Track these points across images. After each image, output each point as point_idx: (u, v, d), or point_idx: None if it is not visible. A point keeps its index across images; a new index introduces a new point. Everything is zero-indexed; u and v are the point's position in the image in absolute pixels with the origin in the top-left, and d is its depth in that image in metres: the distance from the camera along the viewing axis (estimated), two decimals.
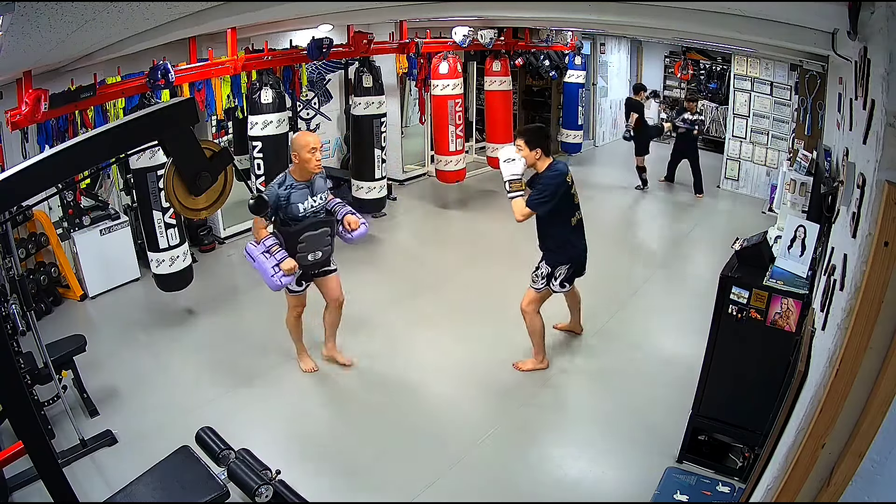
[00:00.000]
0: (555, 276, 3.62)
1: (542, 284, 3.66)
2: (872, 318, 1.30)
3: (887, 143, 1.28)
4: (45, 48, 2.62)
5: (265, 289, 5.12)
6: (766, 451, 2.10)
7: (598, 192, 7.85)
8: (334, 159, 7.40)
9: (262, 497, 2.55)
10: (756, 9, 2.57)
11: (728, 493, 2.70)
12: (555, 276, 3.62)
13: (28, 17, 1.76)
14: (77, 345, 3.47)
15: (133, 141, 1.77)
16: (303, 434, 3.38)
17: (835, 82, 3.52)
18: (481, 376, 3.87)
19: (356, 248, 6.11)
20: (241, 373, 3.87)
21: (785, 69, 7.09)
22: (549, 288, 3.66)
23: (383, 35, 6.37)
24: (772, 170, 7.37)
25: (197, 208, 2.00)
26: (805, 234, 2.70)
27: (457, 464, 3.12)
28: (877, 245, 1.28)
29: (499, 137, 7.32)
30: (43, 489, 1.78)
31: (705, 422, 3.02)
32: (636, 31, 7.51)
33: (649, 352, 4.18)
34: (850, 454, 1.40)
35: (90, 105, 3.96)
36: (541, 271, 3.66)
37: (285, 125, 4.92)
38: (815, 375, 1.68)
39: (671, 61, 10.52)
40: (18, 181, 1.49)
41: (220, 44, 4.80)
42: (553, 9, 4.34)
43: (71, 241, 4.81)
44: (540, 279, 3.66)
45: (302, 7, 3.86)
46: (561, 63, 8.45)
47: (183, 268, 4.35)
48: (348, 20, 5.40)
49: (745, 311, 2.71)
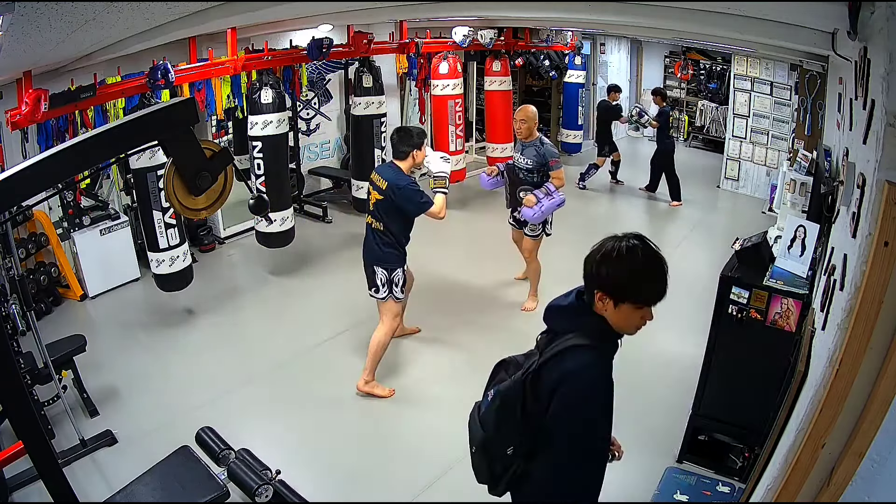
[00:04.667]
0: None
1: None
2: (872, 318, 1.31)
3: (887, 143, 1.28)
4: (45, 48, 2.62)
5: (265, 289, 5.18)
6: (766, 451, 2.10)
7: (599, 192, 7.86)
8: (334, 159, 7.40)
9: (262, 497, 2.55)
10: (756, 9, 2.57)
11: (728, 493, 2.70)
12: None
13: (28, 17, 1.76)
14: (77, 345, 3.47)
15: (133, 141, 1.77)
16: (303, 434, 3.38)
17: (835, 82, 3.52)
18: (482, 376, 3.86)
19: (356, 248, 6.10)
20: (241, 373, 3.87)
21: (785, 69, 7.09)
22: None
23: (383, 35, 6.36)
24: (772, 170, 7.36)
25: (197, 208, 2.00)
26: (805, 234, 2.70)
27: (457, 464, 3.11)
28: (877, 245, 1.28)
29: (499, 137, 7.32)
30: (43, 489, 1.78)
31: (705, 422, 3.02)
32: (636, 31, 7.51)
33: (649, 352, 4.17)
34: (850, 454, 1.40)
35: (90, 105, 3.96)
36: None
37: (285, 125, 4.92)
38: (815, 375, 1.68)
39: (671, 61, 10.52)
40: (18, 181, 1.49)
41: (220, 44, 4.80)
42: (553, 9, 4.34)
43: (71, 241, 4.81)
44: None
45: (302, 7, 3.86)
46: (561, 63, 8.45)
47: (183, 268, 4.35)
48: (348, 20, 5.40)
49: (745, 311, 2.71)
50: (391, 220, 3.42)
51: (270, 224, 4.81)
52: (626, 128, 10.02)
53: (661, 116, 7.22)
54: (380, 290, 3.53)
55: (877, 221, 1.29)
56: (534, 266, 4.54)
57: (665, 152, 7.29)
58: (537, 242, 4.41)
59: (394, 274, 3.49)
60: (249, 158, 4.89)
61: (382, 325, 3.60)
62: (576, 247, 5.07)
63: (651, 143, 8.51)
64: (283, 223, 4.99)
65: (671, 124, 7.51)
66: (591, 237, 4.09)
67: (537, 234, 4.37)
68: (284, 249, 5.25)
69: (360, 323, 4.45)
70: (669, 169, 7.29)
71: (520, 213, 4.23)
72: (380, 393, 3.64)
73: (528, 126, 4.15)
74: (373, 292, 3.58)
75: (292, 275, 5.31)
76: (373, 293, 3.59)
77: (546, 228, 4.36)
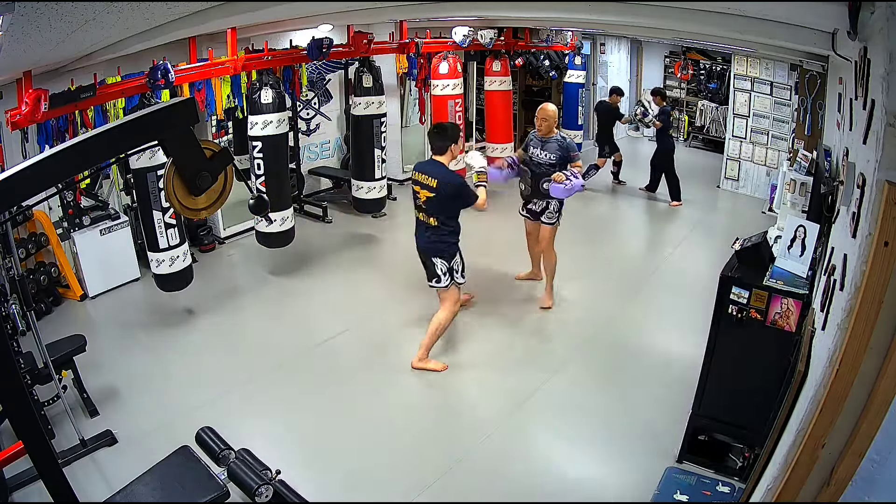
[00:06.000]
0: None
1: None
2: (872, 318, 1.31)
3: (887, 143, 1.28)
4: (45, 48, 2.62)
5: (265, 289, 5.18)
6: (766, 451, 2.10)
7: (599, 193, 7.85)
8: (334, 159, 7.40)
9: (262, 497, 2.55)
10: (756, 9, 2.57)
11: (728, 493, 2.70)
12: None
13: (28, 17, 1.76)
14: (77, 345, 3.47)
15: (133, 141, 1.77)
16: (303, 434, 3.38)
17: (835, 82, 3.52)
18: (481, 376, 3.88)
19: (356, 248, 6.16)
20: (241, 373, 3.87)
21: (785, 69, 7.09)
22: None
23: (383, 35, 6.36)
24: (772, 170, 7.36)
25: (197, 208, 2.00)
26: (805, 234, 2.70)
27: (456, 464, 3.12)
28: (877, 245, 1.28)
29: (499, 137, 7.32)
30: (43, 489, 1.78)
31: (705, 422, 3.02)
32: (636, 31, 7.50)
33: (649, 352, 4.18)
34: (850, 454, 1.40)
35: (90, 105, 3.95)
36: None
37: (285, 125, 4.92)
38: (815, 375, 1.68)
39: (671, 61, 10.52)
40: (18, 181, 1.49)
41: (220, 44, 4.80)
42: (553, 9, 4.34)
43: (71, 241, 4.81)
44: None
45: (302, 7, 3.86)
46: (561, 63, 8.45)
47: (183, 268, 4.35)
48: (348, 20, 5.40)
49: (745, 311, 2.71)
50: (446, 214, 3.64)
51: (270, 224, 4.81)
52: (627, 128, 10.02)
53: (664, 115, 7.22)
54: (441, 280, 3.73)
55: (877, 221, 1.29)
56: (550, 259, 4.61)
57: (665, 152, 7.28)
58: (554, 229, 4.50)
59: (453, 262, 3.73)
60: (249, 158, 4.89)
61: (443, 310, 3.82)
62: (576, 246, 5.09)
63: (651, 143, 8.51)
64: (283, 223, 4.99)
65: (671, 124, 7.49)
66: (592, 237, 4.11)
67: (554, 222, 4.47)
68: (284, 249, 5.25)
69: (360, 323, 4.46)
70: (669, 169, 7.29)
71: (548, 189, 4.31)
72: (434, 367, 3.88)
73: (548, 124, 4.33)
74: (434, 283, 3.77)
75: (292, 275, 5.31)
76: (434, 284, 3.77)
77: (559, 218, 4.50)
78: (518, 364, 3.98)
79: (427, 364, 3.87)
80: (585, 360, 4.06)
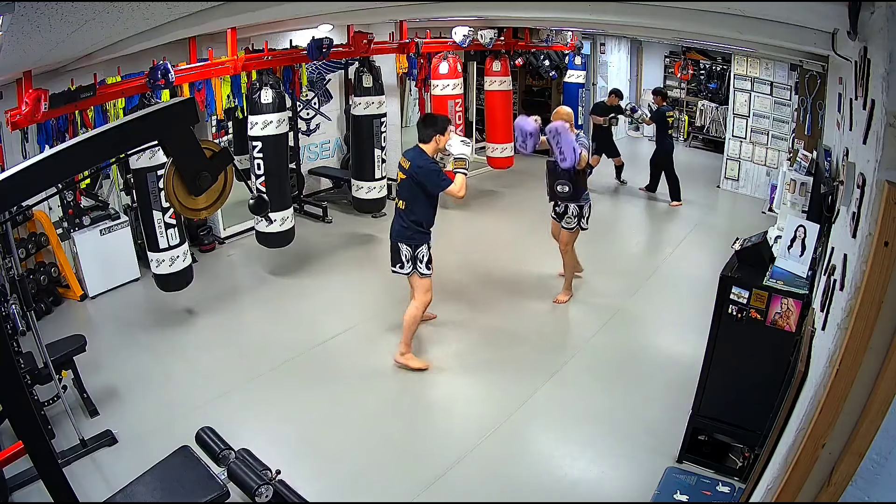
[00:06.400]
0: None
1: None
2: (872, 318, 1.31)
3: (887, 143, 1.28)
4: (45, 48, 2.62)
5: (265, 289, 5.18)
6: (766, 451, 2.10)
7: (598, 193, 7.84)
8: (334, 159, 7.40)
9: (262, 497, 2.55)
10: (756, 9, 2.57)
11: (728, 493, 2.70)
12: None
13: (28, 17, 1.76)
14: (77, 345, 3.47)
15: (133, 141, 1.77)
16: (303, 434, 3.38)
17: (835, 82, 3.52)
18: (480, 376, 3.88)
19: (356, 247, 6.16)
20: (241, 373, 3.87)
21: (785, 69, 7.09)
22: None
23: (383, 35, 6.36)
24: (772, 170, 7.36)
25: (197, 208, 2.00)
26: (805, 234, 2.70)
27: (456, 464, 3.12)
28: (877, 245, 1.28)
29: (499, 137, 7.31)
30: (43, 489, 1.78)
31: (705, 422, 3.02)
32: (636, 31, 7.50)
33: (649, 352, 4.18)
34: (850, 454, 1.40)
35: (90, 105, 3.96)
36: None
37: (285, 125, 4.92)
38: (815, 375, 1.68)
39: (671, 61, 10.52)
40: (18, 181, 1.49)
41: (220, 44, 4.80)
42: (553, 9, 4.34)
43: (71, 241, 4.81)
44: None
45: (302, 7, 3.86)
46: (561, 63, 8.44)
47: (183, 268, 4.35)
48: (348, 20, 5.40)
49: (745, 311, 2.71)
50: (414, 198, 3.62)
51: (270, 224, 4.81)
52: (627, 128, 10.01)
53: (655, 114, 7.23)
54: (404, 266, 3.73)
55: (877, 221, 1.29)
56: (568, 260, 4.69)
57: (664, 152, 7.28)
58: (573, 234, 4.55)
59: (418, 251, 3.69)
60: (249, 158, 4.89)
61: (414, 301, 3.82)
62: (576, 246, 5.07)
63: (651, 143, 8.51)
64: (283, 223, 4.99)
65: (671, 124, 7.48)
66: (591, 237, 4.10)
67: (573, 227, 4.52)
68: (284, 249, 5.25)
69: (359, 323, 4.46)
70: (669, 169, 7.29)
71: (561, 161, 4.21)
72: (415, 365, 3.84)
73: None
74: (397, 268, 3.77)
75: (292, 275, 5.31)
76: (397, 269, 3.78)
77: (582, 223, 4.53)
78: (518, 364, 3.98)
79: (409, 361, 3.85)
80: (585, 360, 4.06)
